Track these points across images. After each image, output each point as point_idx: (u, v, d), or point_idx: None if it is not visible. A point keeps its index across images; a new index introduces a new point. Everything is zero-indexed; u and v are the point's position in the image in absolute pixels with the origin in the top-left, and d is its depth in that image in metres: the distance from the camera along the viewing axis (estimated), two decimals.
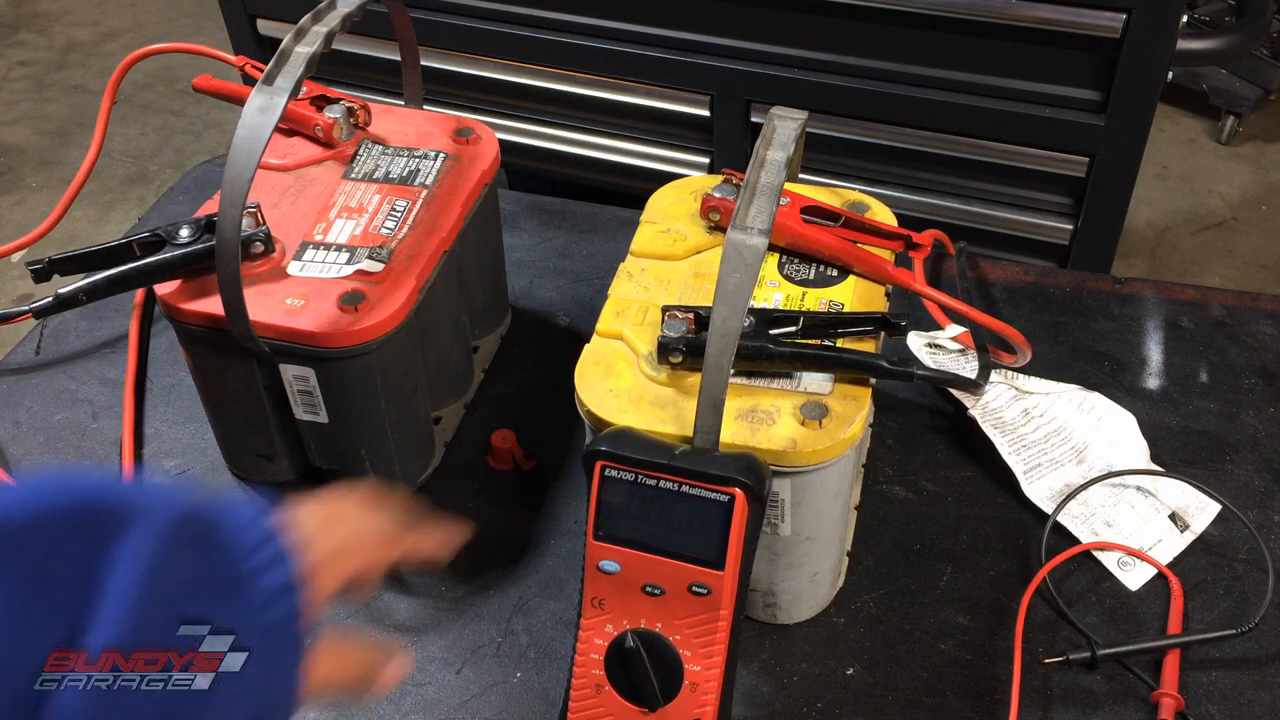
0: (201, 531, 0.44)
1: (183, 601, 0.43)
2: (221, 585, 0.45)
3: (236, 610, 0.45)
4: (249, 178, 0.65)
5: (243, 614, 0.45)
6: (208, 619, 0.44)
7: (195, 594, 0.44)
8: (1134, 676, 0.71)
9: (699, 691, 0.61)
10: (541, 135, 1.51)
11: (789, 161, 0.61)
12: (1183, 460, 0.84)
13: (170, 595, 0.43)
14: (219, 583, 0.44)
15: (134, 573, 0.41)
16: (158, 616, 0.42)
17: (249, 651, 0.45)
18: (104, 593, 0.40)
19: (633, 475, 0.60)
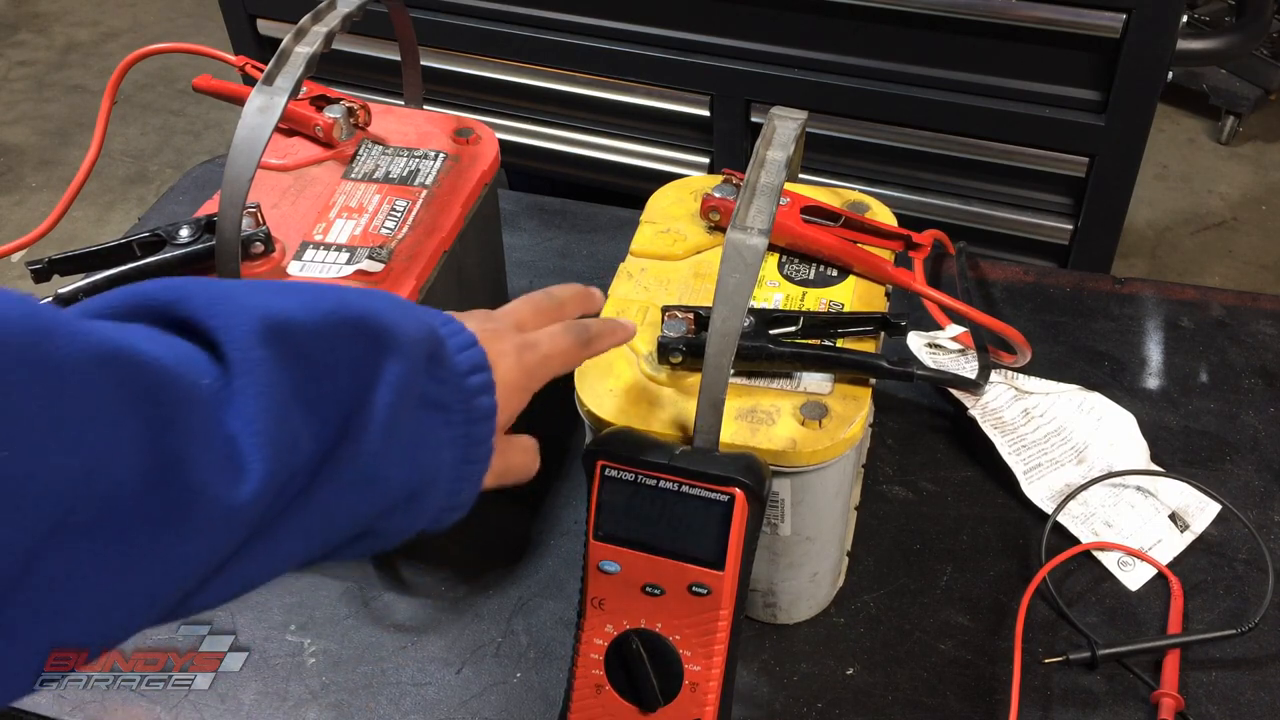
0: (436, 355, 0.49)
1: (417, 418, 0.48)
2: (448, 400, 0.49)
3: (453, 422, 0.50)
4: (249, 178, 0.65)
5: (458, 425, 0.50)
6: (431, 434, 0.49)
7: (427, 410, 0.48)
8: (1134, 676, 0.71)
9: (699, 691, 0.61)
10: (541, 135, 1.52)
11: (789, 161, 0.61)
12: (1183, 460, 0.84)
13: (411, 410, 0.47)
14: (446, 398, 0.49)
15: (390, 393, 0.45)
16: (401, 430, 0.46)
17: (455, 454, 0.50)
18: (371, 406, 0.44)
19: (633, 475, 0.60)
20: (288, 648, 0.75)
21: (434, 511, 0.51)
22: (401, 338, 0.46)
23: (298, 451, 0.42)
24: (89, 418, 0.36)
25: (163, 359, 0.39)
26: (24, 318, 0.35)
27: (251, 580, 0.44)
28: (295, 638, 0.76)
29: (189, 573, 0.39)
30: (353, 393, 0.44)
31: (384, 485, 0.46)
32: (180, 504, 0.38)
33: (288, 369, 0.42)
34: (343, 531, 0.46)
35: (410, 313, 0.49)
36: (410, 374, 0.46)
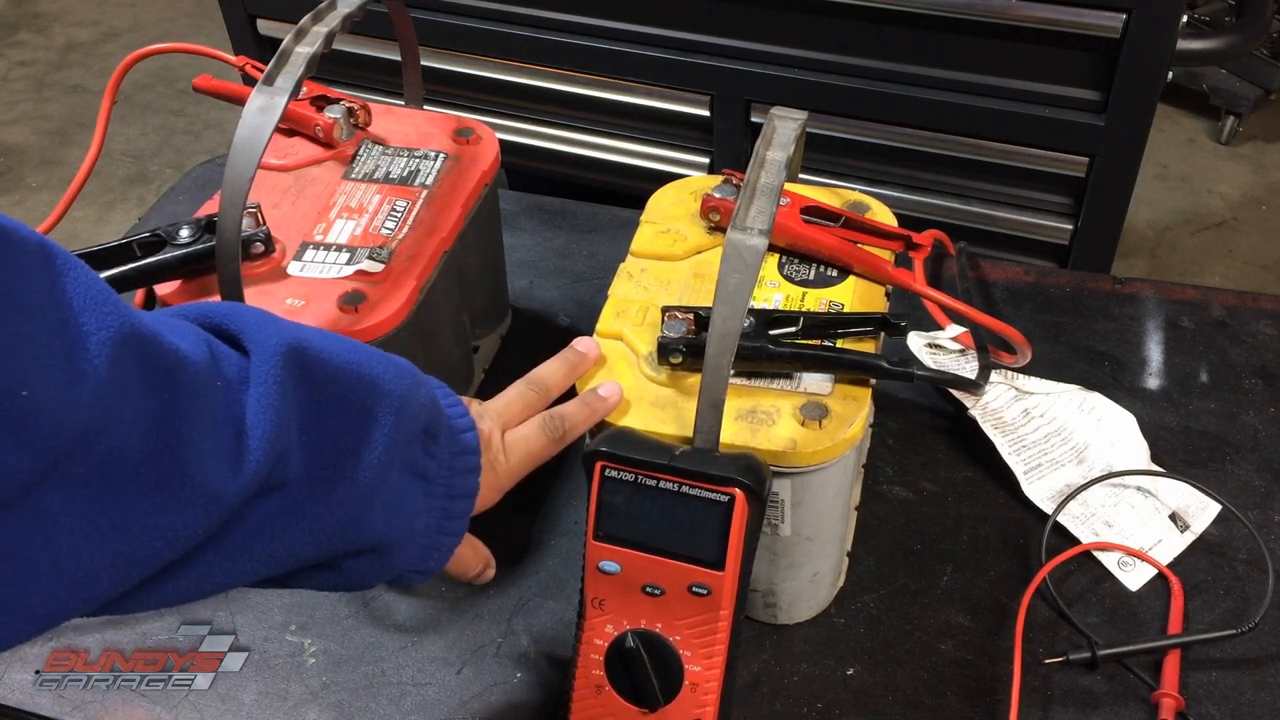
0: (433, 429, 0.55)
1: (406, 478, 0.53)
2: (433, 473, 0.55)
3: (434, 493, 0.55)
4: (249, 178, 0.65)
5: (437, 498, 0.55)
6: (417, 495, 0.54)
7: (415, 474, 0.54)
8: (1134, 677, 0.71)
9: (699, 692, 0.61)
10: (541, 135, 1.52)
11: (789, 162, 0.61)
12: (1183, 460, 0.84)
13: (398, 473, 0.52)
14: (432, 471, 0.55)
15: (381, 451, 0.50)
16: (384, 487, 0.51)
17: (432, 520, 0.55)
18: (362, 456, 0.49)
19: (633, 476, 0.60)
20: (288, 648, 0.75)
21: (400, 569, 0.55)
22: (405, 407, 0.51)
23: (286, 467, 0.46)
24: (102, 383, 0.39)
25: (186, 350, 0.43)
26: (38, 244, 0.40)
27: (211, 579, 0.46)
28: (295, 638, 0.76)
29: (163, 547, 0.42)
30: (348, 438, 0.49)
31: (356, 531, 0.50)
32: (173, 480, 0.41)
33: (299, 393, 0.47)
34: (307, 556, 0.49)
35: (421, 386, 0.54)
36: (404, 440, 0.52)
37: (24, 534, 0.38)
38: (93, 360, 0.39)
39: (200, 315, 0.48)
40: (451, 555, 0.58)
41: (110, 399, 0.39)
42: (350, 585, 0.54)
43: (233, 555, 0.46)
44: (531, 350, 0.97)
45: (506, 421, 0.63)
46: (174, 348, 0.42)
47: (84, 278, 0.40)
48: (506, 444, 0.62)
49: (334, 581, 0.53)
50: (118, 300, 0.42)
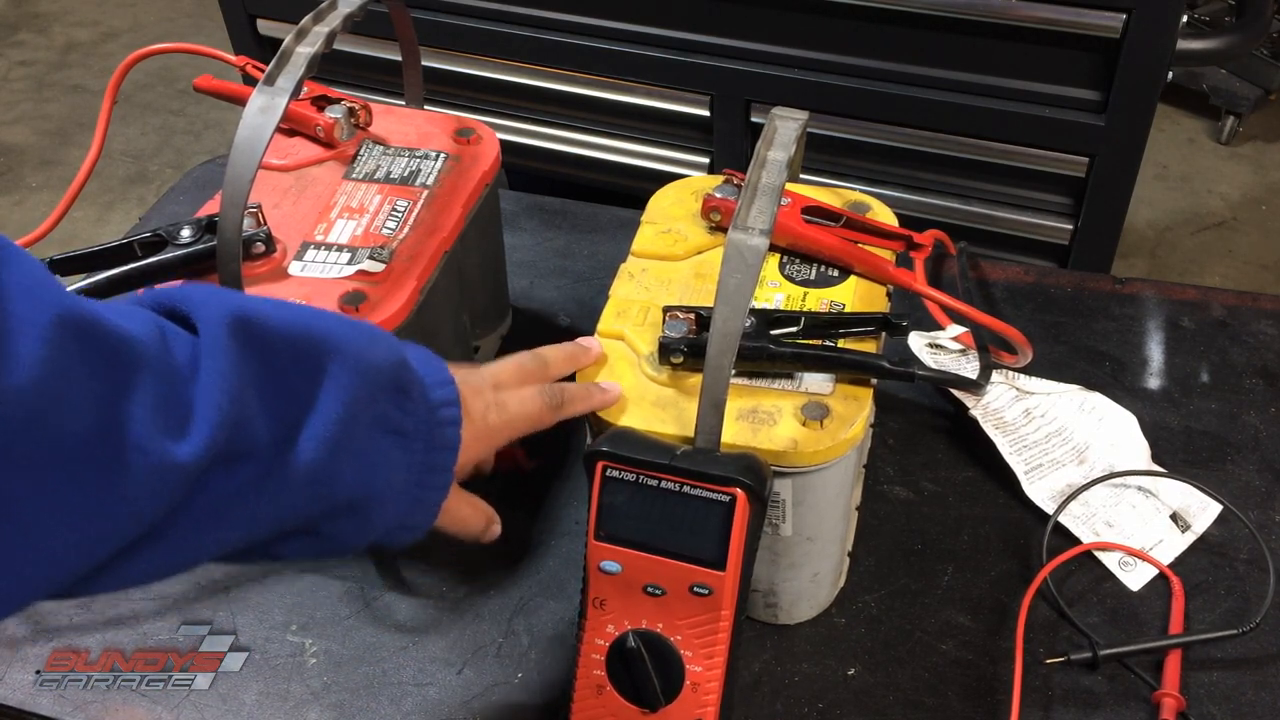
0: (404, 385, 0.54)
1: (373, 434, 0.52)
2: (409, 428, 0.55)
3: (412, 448, 0.55)
4: (250, 178, 0.65)
5: (417, 453, 0.55)
6: (391, 456, 0.54)
7: (385, 430, 0.53)
8: (1135, 677, 0.71)
9: (700, 692, 0.61)
10: (542, 135, 1.52)
11: (790, 162, 0.61)
12: (1184, 460, 0.84)
13: (365, 429, 0.52)
14: (408, 426, 0.54)
15: (339, 408, 0.50)
16: (352, 444, 0.51)
17: (412, 474, 0.55)
18: (320, 414, 0.49)
19: (634, 476, 0.60)
20: (288, 648, 0.75)
21: (384, 527, 0.55)
22: (363, 362, 0.52)
23: (251, 434, 0.47)
24: (40, 366, 0.40)
25: (132, 330, 0.44)
26: None
27: (186, 551, 0.47)
28: (296, 638, 0.76)
29: (126, 523, 0.43)
30: (305, 398, 0.49)
31: (328, 490, 0.50)
32: (126, 455, 0.42)
33: (248, 359, 0.47)
34: (283, 521, 0.50)
35: (381, 343, 0.54)
36: (367, 396, 0.52)
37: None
38: (28, 345, 0.39)
39: (152, 299, 0.49)
40: (439, 510, 0.57)
41: (52, 381, 0.40)
42: (336, 548, 0.53)
43: (205, 526, 0.46)
44: None
45: (502, 381, 0.64)
46: (117, 328, 0.43)
47: (23, 266, 0.41)
48: (501, 400, 0.62)
49: (318, 546, 0.53)
50: (58, 287, 0.42)
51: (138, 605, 0.78)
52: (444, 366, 0.59)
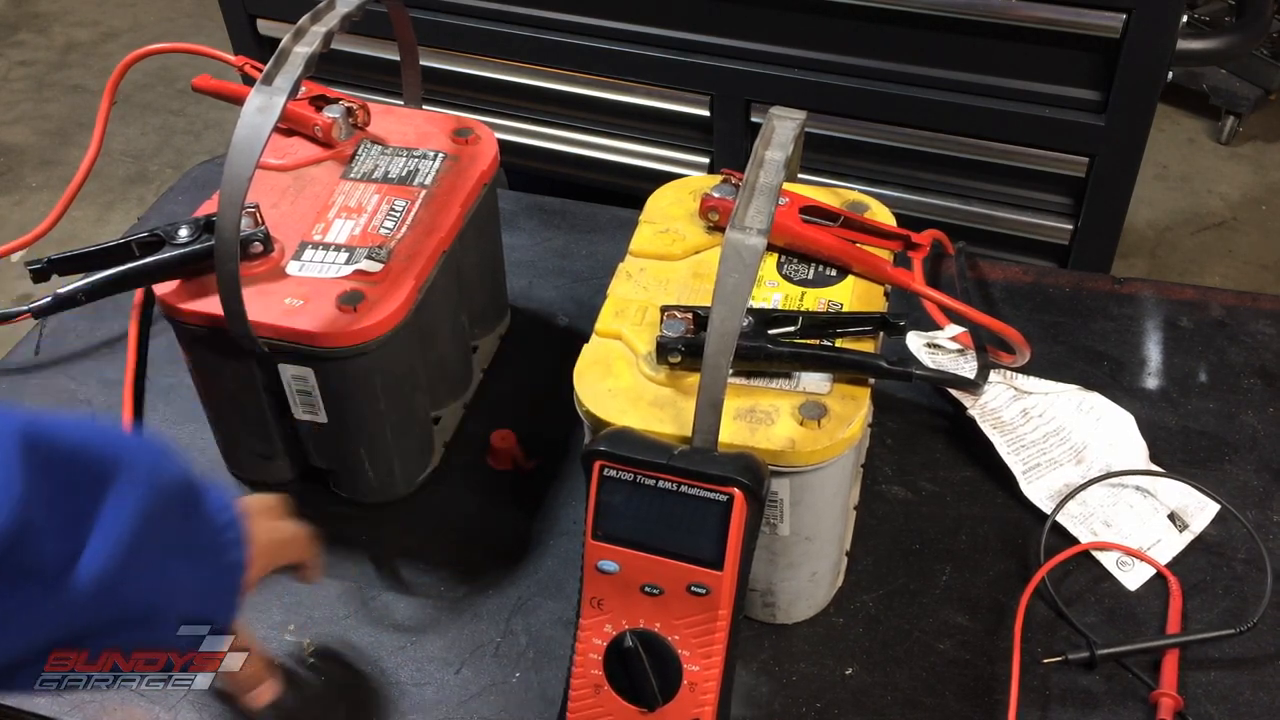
0: (188, 499, 0.56)
1: (164, 552, 0.54)
2: (197, 548, 0.57)
3: (202, 568, 0.57)
4: (248, 177, 0.65)
5: (204, 569, 0.58)
6: (179, 572, 0.56)
7: (176, 550, 0.55)
8: (1133, 676, 0.71)
9: (698, 691, 0.61)
10: (541, 135, 1.52)
11: (788, 161, 0.62)
12: (1182, 460, 0.84)
13: (154, 545, 0.53)
14: (196, 545, 0.57)
15: (130, 524, 0.51)
16: (141, 560, 0.52)
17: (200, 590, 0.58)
18: (110, 532, 0.51)
19: (632, 475, 0.60)
20: (287, 647, 0.75)
21: (174, 642, 0.58)
22: (149, 481, 0.53)
23: (35, 550, 0.48)
24: None
25: None
26: None
27: None
28: (295, 637, 0.76)
29: None
30: (92, 516, 0.51)
31: (115, 603, 0.52)
32: None
33: (36, 476, 0.48)
34: (71, 631, 0.52)
35: (170, 461, 0.56)
36: (156, 513, 0.53)
37: None
38: None
39: None
40: (231, 619, 0.60)
41: None
42: (134, 647, 0.56)
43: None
44: (530, 350, 0.97)
45: (269, 509, 0.67)
46: None
47: None
48: (274, 525, 0.66)
49: (103, 648, 0.55)
50: None
51: None
52: (224, 490, 0.61)
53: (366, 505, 0.84)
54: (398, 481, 0.83)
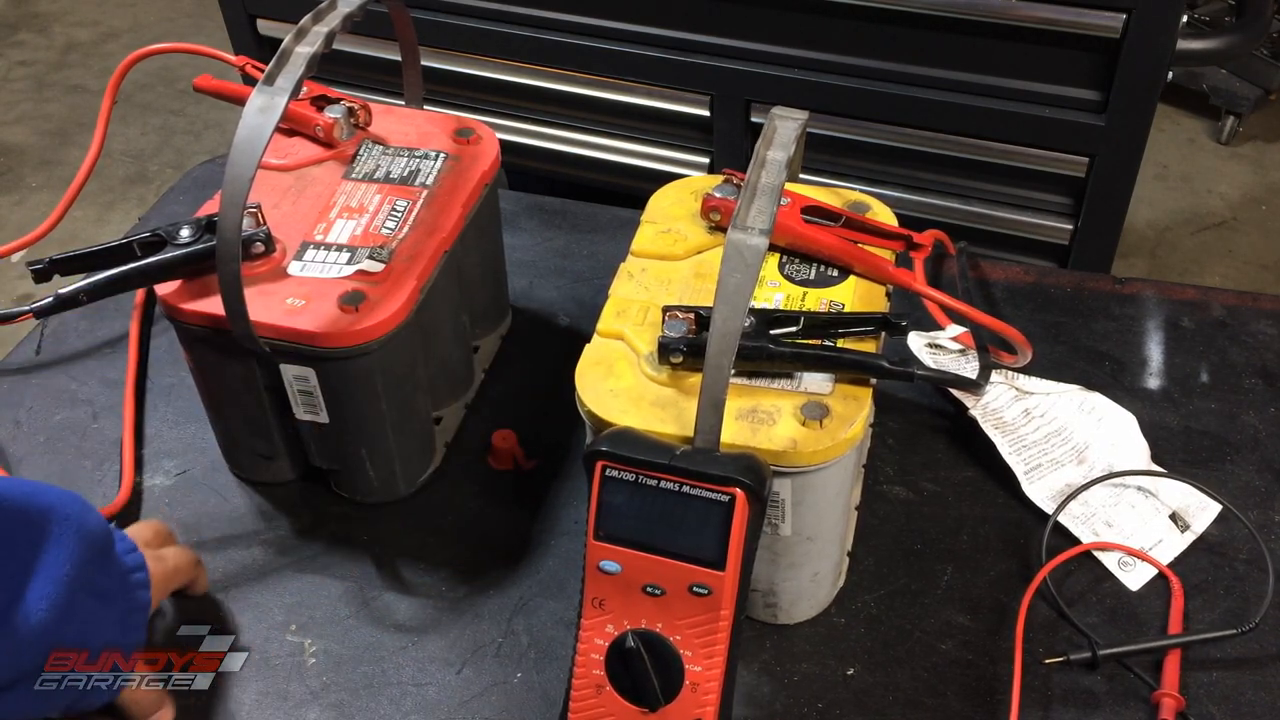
0: (109, 547, 0.62)
1: (90, 594, 0.60)
2: (113, 590, 0.63)
3: (118, 607, 0.63)
4: (249, 178, 0.65)
5: (117, 608, 0.63)
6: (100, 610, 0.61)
7: (99, 591, 0.61)
8: (1135, 676, 0.71)
9: (700, 691, 0.61)
10: (542, 135, 1.52)
11: (789, 161, 0.61)
12: (1183, 460, 0.84)
13: (83, 588, 0.59)
14: (110, 587, 0.62)
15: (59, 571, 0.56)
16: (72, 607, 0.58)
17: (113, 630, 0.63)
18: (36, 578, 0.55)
19: (633, 475, 0.60)
20: (288, 648, 0.75)
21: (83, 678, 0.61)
22: (80, 528, 0.58)
23: None
24: None
25: None
26: None
27: None
28: (295, 638, 0.76)
29: None
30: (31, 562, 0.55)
31: (53, 645, 0.57)
32: None
33: None
34: (14, 670, 0.56)
35: (92, 512, 0.61)
36: (86, 558, 0.58)
37: None
38: None
39: None
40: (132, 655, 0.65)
41: None
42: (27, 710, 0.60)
43: None
44: (531, 350, 0.97)
45: (149, 540, 0.72)
46: None
47: None
48: (160, 554, 0.71)
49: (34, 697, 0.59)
50: None
51: None
52: (125, 534, 0.67)
53: (367, 505, 0.84)
54: (399, 481, 0.83)
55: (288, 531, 0.82)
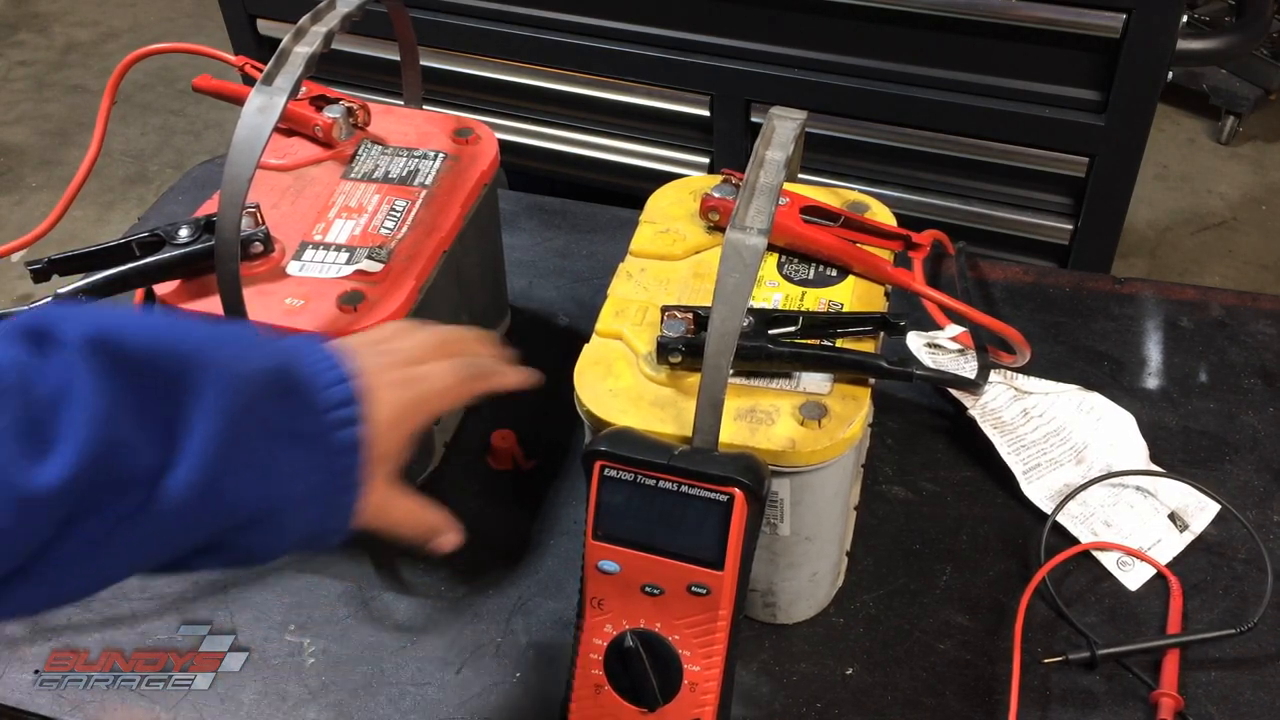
0: (283, 385, 0.51)
1: (262, 445, 0.49)
2: (303, 432, 0.51)
3: (312, 452, 0.51)
4: (248, 178, 0.65)
5: (317, 456, 0.51)
6: (284, 462, 0.50)
7: (275, 439, 0.50)
8: (1133, 676, 0.71)
9: (698, 691, 0.61)
10: (541, 135, 1.52)
11: (788, 161, 0.62)
12: (1182, 460, 0.84)
13: (249, 441, 0.48)
14: (301, 429, 0.51)
15: (219, 419, 0.47)
16: (240, 454, 0.48)
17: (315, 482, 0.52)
18: (199, 429, 0.46)
19: (632, 475, 0.60)
20: (287, 648, 0.75)
21: (297, 536, 0.52)
22: (232, 373, 0.49)
23: (127, 460, 0.45)
24: None
25: None
26: None
27: (72, 581, 0.46)
28: (295, 638, 0.76)
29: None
30: (179, 418, 0.47)
31: (223, 507, 0.48)
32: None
33: (114, 380, 0.45)
34: (182, 543, 0.48)
35: (256, 348, 0.52)
36: (244, 406, 0.49)
37: None
38: None
39: (10, 326, 0.47)
40: (354, 513, 0.54)
41: None
42: (247, 560, 0.52)
43: (88, 555, 0.45)
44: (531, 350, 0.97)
45: (416, 356, 0.60)
46: None
47: None
48: (412, 377, 0.59)
49: (229, 559, 0.51)
50: None
51: (137, 605, 0.78)
52: (338, 361, 0.54)
53: None
54: None
55: None
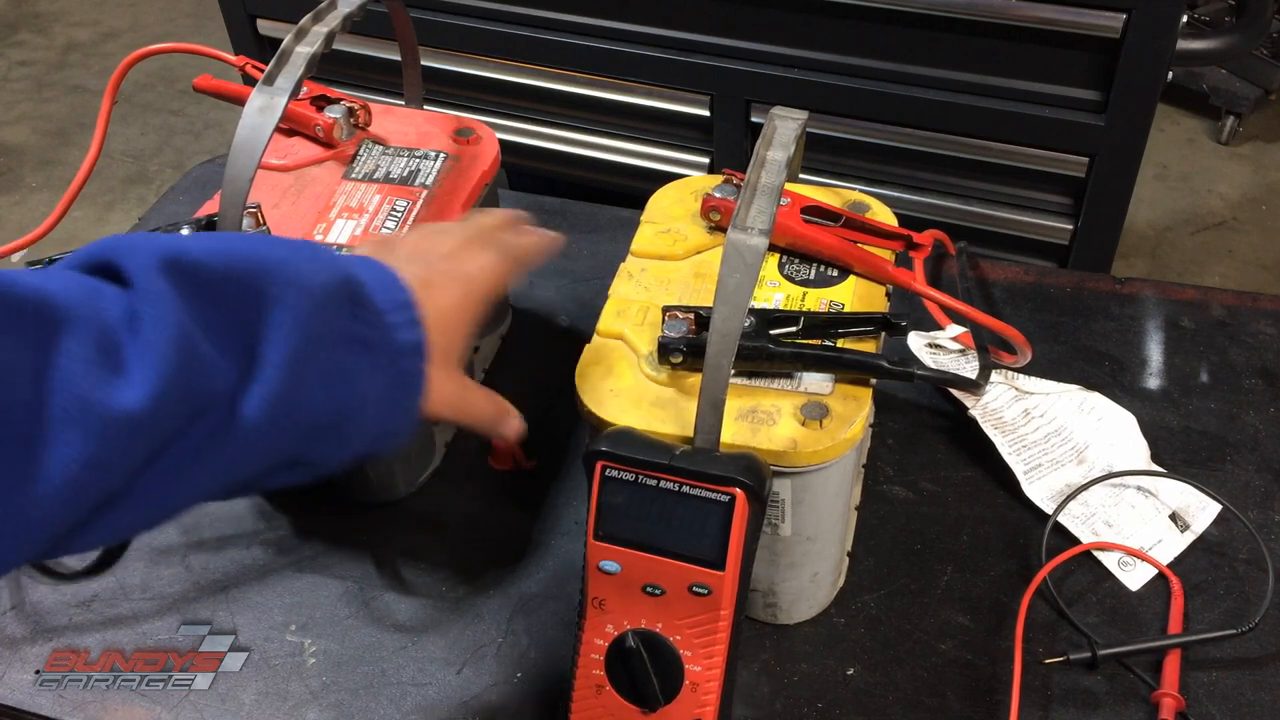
0: (349, 294, 0.52)
1: (333, 355, 0.51)
2: (370, 337, 0.53)
3: (377, 355, 0.53)
4: (249, 178, 0.65)
5: (382, 357, 0.53)
6: (352, 369, 0.52)
7: (345, 348, 0.51)
8: (1134, 676, 0.71)
9: (699, 691, 0.61)
10: (541, 135, 1.52)
11: (789, 161, 0.61)
12: (1183, 460, 0.84)
13: (327, 345, 0.50)
14: (369, 336, 0.53)
15: (295, 331, 0.48)
16: (316, 364, 0.49)
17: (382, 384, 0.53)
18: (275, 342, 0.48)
19: (633, 475, 0.60)
20: (288, 648, 0.75)
21: (367, 439, 0.54)
22: (304, 281, 0.50)
23: (207, 376, 0.46)
24: None
25: (51, 290, 0.43)
26: None
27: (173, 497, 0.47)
28: (295, 638, 0.76)
29: (94, 479, 0.42)
30: (254, 330, 0.48)
31: (301, 416, 0.49)
32: (75, 414, 0.41)
33: (189, 300, 0.46)
34: (268, 458, 0.49)
35: (322, 259, 0.53)
36: (318, 314, 0.50)
37: None
38: None
39: (77, 258, 0.48)
40: (417, 413, 0.55)
41: None
42: (321, 470, 0.53)
43: (182, 473, 0.46)
44: (531, 350, 0.97)
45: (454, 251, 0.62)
46: (36, 291, 0.43)
47: None
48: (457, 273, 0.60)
49: (304, 473, 0.52)
50: None
51: (137, 605, 0.78)
52: (385, 269, 0.56)
53: (367, 505, 0.84)
54: (398, 481, 0.83)
55: (288, 531, 0.82)
